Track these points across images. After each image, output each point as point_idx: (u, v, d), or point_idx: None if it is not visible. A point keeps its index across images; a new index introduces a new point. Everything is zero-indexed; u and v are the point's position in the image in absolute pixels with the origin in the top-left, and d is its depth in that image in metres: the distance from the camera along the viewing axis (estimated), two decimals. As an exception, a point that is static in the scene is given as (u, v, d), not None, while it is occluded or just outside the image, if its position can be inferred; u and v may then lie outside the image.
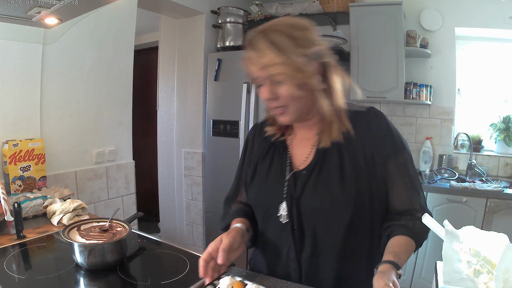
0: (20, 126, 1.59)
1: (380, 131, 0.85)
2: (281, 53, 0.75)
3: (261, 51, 0.76)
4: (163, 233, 3.15)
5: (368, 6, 2.51)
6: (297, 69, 0.76)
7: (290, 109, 0.81)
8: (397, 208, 0.84)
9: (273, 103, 0.81)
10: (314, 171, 0.83)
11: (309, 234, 0.84)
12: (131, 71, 2.09)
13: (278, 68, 0.75)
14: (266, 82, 0.79)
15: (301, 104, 0.81)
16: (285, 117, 0.83)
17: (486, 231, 0.60)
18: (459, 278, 0.57)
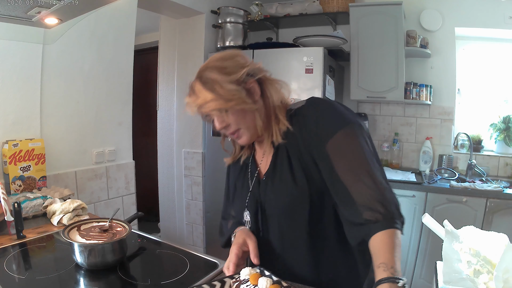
0: (20, 126, 1.59)
1: (315, 117, 0.83)
2: (210, 91, 0.82)
3: (195, 95, 0.84)
4: (163, 233, 3.15)
5: (368, 6, 2.51)
6: (227, 100, 0.81)
7: (242, 131, 0.87)
8: (348, 198, 0.75)
9: (227, 131, 0.88)
10: (270, 176, 0.90)
11: (275, 235, 0.89)
12: (131, 71, 2.09)
13: (211, 105, 0.82)
14: (213, 116, 0.86)
15: (252, 124, 0.87)
16: (242, 138, 0.89)
17: (486, 231, 0.60)
18: (459, 278, 0.57)
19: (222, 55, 0.88)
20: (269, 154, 0.92)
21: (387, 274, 0.64)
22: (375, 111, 2.85)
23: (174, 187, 3.04)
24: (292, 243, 0.88)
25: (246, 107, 0.84)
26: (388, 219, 0.72)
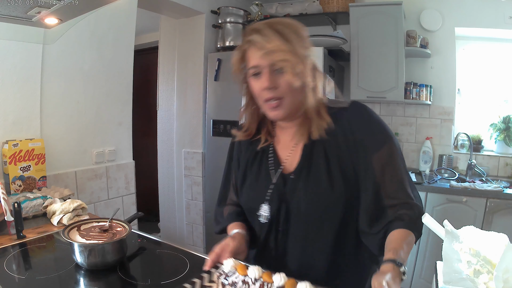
0: (20, 126, 1.59)
1: (362, 124, 0.84)
2: (287, 42, 0.76)
3: (267, 37, 0.77)
4: (163, 233, 3.15)
5: (368, 6, 2.51)
6: (299, 60, 0.77)
7: (285, 101, 0.81)
8: (387, 203, 0.81)
9: (269, 94, 0.80)
10: (302, 174, 0.84)
11: (298, 237, 0.85)
12: (131, 71, 2.09)
13: (284, 55, 0.76)
14: (265, 71, 0.79)
15: (295, 99, 0.82)
16: (279, 111, 0.82)
17: (486, 231, 0.60)
18: (459, 278, 0.57)
19: (296, 22, 0.82)
20: (299, 148, 0.87)
21: (393, 257, 0.67)
22: (375, 111, 2.82)
23: (174, 187, 3.04)
24: (315, 246, 0.85)
25: (307, 80, 0.80)
26: (413, 222, 0.78)
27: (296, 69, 0.77)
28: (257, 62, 0.80)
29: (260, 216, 0.88)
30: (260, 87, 0.81)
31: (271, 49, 0.76)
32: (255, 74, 0.82)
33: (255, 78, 0.82)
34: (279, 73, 0.79)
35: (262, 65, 0.79)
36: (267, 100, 0.82)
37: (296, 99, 0.82)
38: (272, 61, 0.77)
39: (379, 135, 0.83)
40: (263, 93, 0.81)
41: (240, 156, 0.98)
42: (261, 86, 0.81)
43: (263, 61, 0.79)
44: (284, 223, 0.86)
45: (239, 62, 0.86)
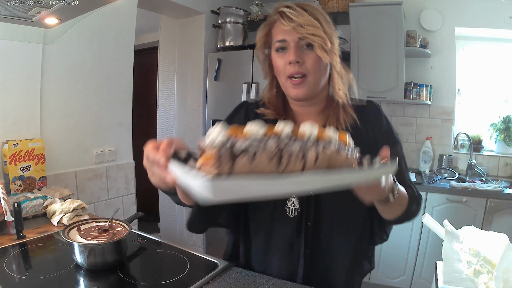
0: (20, 126, 1.59)
1: (381, 124, 0.87)
2: (316, 19, 0.77)
3: (298, 12, 0.76)
4: (163, 233, 3.15)
5: (368, 6, 2.51)
6: (328, 37, 0.77)
7: (309, 80, 0.79)
8: None
9: (294, 68, 0.78)
10: None
11: (325, 232, 0.83)
12: (131, 71, 2.09)
13: (314, 30, 0.75)
14: (292, 45, 0.78)
15: (319, 78, 0.80)
16: (301, 88, 0.79)
17: (486, 231, 0.60)
18: (459, 278, 0.57)
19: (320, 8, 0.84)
20: None
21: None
22: (375, 111, 2.85)
23: (174, 187, 3.04)
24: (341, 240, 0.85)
25: (334, 61, 0.80)
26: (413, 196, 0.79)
27: (325, 45, 0.76)
28: (285, 36, 0.78)
29: (288, 210, 0.83)
30: (285, 61, 0.79)
31: (301, 22, 0.75)
32: (280, 48, 0.80)
33: (280, 53, 0.80)
34: (306, 49, 0.78)
35: (290, 38, 0.78)
36: (291, 76, 0.79)
37: (320, 79, 0.81)
38: (302, 35, 0.76)
39: (393, 136, 0.87)
40: (287, 68, 0.79)
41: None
42: (286, 60, 0.78)
43: (291, 35, 0.77)
44: (316, 216, 0.83)
45: (264, 38, 0.85)
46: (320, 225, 0.83)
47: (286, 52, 0.79)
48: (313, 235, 0.83)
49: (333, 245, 0.84)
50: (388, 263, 2.33)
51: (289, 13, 0.76)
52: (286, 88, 0.83)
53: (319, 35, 0.76)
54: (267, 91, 0.91)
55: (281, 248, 0.86)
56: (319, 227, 0.83)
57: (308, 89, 0.80)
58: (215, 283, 0.83)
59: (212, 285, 0.82)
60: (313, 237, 0.83)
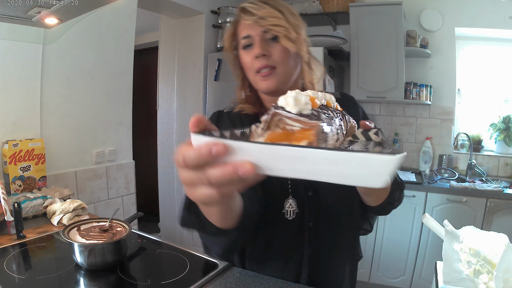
0: (20, 126, 1.59)
1: (358, 114, 0.87)
2: (279, 11, 0.76)
3: (259, 5, 0.76)
4: (163, 233, 3.15)
5: (368, 6, 2.51)
6: (293, 27, 0.76)
7: (278, 71, 0.78)
8: None
9: (262, 62, 0.77)
10: None
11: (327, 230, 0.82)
12: (131, 71, 2.09)
13: (276, 20, 0.75)
14: (256, 39, 0.77)
15: (289, 70, 0.80)
16: (271, 80, 0.78)
17: (486, 231, 0.60)
18: (459, 278, 0.57)
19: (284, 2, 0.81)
20: None
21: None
22: (375, 111, 2.85)
23: (174, 187, 3.04)
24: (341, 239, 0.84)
25: (302, 51, 0.78)
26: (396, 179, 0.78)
27: (289, 35, 0.75)
28: (249, 31, 0.78)
29: (286, 213, 0.79)
30: (252, 56, 0.78)
31: (263, 15, 0.75)
32: (247, 45, 0.79)
33: (247, 50, 0.80)
34: (272, 42, 0.77)
35: (254, 33, 0.77)
36: (259, 70, 0.78)
37: (290, 70, 0.80)
38: (265, 27, 0.75)
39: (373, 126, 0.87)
40: (254, 63, 0.78)
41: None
42: (252, 55, 0.78)
43: (254, 29, 0.77)
44: (315, 217, 0.80)
45: (231, 38, 0.84)
46: (322, 223, 0.81)
47: (252, 47, 0.78)
48: (316, 235, 0.81)
49: (335, 241, 0.83)
50: (388, 263, 2.33)
51: (250, 7, 0.76)
52: (256, 83, 0.82)
53: (281, 25, 0.75)
54: (239, 91, 0.91)
55: (283, 253, 0.84)
56: (321, 226, 0.81)
57: (278, 80, 0.79)
58: (215, 283, 0.83)
59: (212, 285, 0.82)
60: (315, 237, 0.81)
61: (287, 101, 0.40)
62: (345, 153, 0.33)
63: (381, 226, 2.30)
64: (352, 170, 0.33)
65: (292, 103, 0.40)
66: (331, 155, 0.33)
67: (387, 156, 0.31)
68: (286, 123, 0.40)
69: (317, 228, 0.81)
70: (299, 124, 0.39)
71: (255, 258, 0.88)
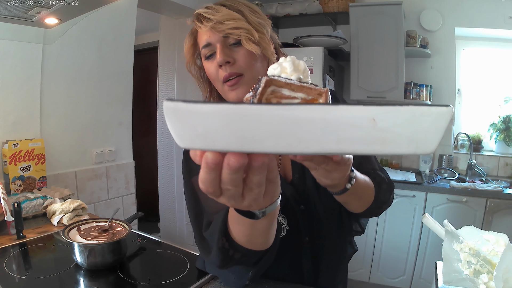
0: (20, 126, 1.59)
1: None
2: (237, 11, 0.70)
3: (215, 9, 0.69)
4: (163, 233, 3.15)
5: (368, 6, 2.51)
6: (254, 27, 0.70)
7: (245, 79, 0.70)
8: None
9: (226, 70, 0.70)
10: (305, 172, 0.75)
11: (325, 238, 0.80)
12: (131, 71, 2.09)
13: (235, 22, 0.68)
14: (218, 46, 0.70)
15: (257, 74, 0.72)
16: (240, 88, 0.70)
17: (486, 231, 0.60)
18: (459, 278, 0.57)
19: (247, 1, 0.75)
20: None
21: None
22: (375, 111, 2.85)
23: (174, 187, 3.04)
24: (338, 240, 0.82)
25: (268, 52, 0.71)
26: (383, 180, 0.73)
27: (252, 37, 0.68)
28: (208, 39, 0.70)
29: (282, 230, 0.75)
30: (216, 66, 0.71)
31: (220, 19, 0.68)
32: (209, 55, 0.72)
33: (210, 60, 0.73)
34: (235, 47, 0.70)
35: (214, 40, 0.70)
36: (226, 80, 0.70)
37: (258, 74, 0.71)
38: (223, 32, 0.68)
39: None
40: (220, 73, 0.71)
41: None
42: (216, 64, 0.70)
43: (213, 36, 0.69)
44: (310, 230, 0.77)
45: (191, 49, 0.78)
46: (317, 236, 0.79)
47: (215, 56, 0.71)
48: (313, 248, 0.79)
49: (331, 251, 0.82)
50: (388, 263, 2.33)
51: (205, 13, 0.69)
52: (225, 94, 0.74)
53: (241, 27, 0.68)
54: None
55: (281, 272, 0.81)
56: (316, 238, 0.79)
57: (248, 87, 0.70)
58: (215, 283, 0.83)
59: (212, 285, 0.82)
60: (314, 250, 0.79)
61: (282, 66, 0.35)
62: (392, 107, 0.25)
63: (381, 226, 2.30)
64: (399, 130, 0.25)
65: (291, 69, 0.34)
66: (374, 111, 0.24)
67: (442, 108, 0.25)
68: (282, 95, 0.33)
69: (314, 241, 0.78)
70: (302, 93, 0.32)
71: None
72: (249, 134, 0.26)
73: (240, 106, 0.26)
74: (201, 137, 0.27)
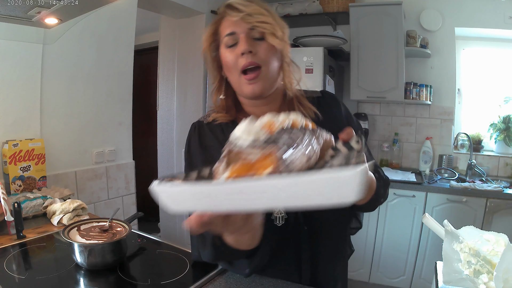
0: (20, 126, 1.59)
1: (340, 111, 0.85)
2: (264, 9, 0.75)
3: (246, 3, 0.75)
4: (163, 233, 3.15)
5: (368, 6, 2.51)
6: (279, 26, 0.76)
7: (264, 72, 0.75)
8: None
9: (247, 59, 0.74)
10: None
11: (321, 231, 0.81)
12: (131, 71, 2.09)
13: (264, 18, 0.74)
14: (242, 36, 0.74)
15: (274, 70, 0.77)
16: (257, 83, 0.75)
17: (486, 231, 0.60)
18: (459, 278, 0.57)
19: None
20: None
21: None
22: (375, 111, 2.85)
23: (174, 187, 3.04)
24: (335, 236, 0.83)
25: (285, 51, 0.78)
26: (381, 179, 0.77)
27: (276, 33, 0.74)
28: (234, 28, 0.75)
29: (275, 219, 0.77)
30: (237, 54, 0.75)
31: (250, 12, 0.73)
32: (231, 45, 0.76)
33: (231, 49, 0.76)
34: (257, 40, 0.75)
35: (240, 30, 0.75)
36: (244, 71, 0.75)
37: (275, 71, 0.78)
38: (251, 24, 0.73)
39: (353, 122, 0.87)
40: (240, 60, 0.75)
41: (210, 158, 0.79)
42: (238, 52, 0.74)
43: (241, 26, 0.74)
44: (309, 220, 0.79)
45: (212, 37, 0.81)
46: (317, 226, 0.80)
47: (237, 46, 0.75)
48: (313, 238, 0.80)
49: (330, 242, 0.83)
50: (388, 263, 2.33)
51: (237, 4, 0.74)
52: (240, 86, 0.78)
53: (269, 22, 0.74)
54: (214, 94, 0.86)
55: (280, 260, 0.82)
56: (316, 229, 0.80)
57: (265, 83, 0.76)
58: (215, 283, 0.83)
59: (212, 285, 0.82)
60: (313, 239, 0.80)
61: (241, 131, 0.42)
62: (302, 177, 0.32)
63: (381, 226, 2.30)
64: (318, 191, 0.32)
65: (245, 134, 0.41)
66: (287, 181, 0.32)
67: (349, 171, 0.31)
68: (244, 155, 0.40)
69: (313, 231, 0.80)
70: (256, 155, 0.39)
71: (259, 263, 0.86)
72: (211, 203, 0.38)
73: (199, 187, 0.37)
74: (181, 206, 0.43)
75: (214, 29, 0.80)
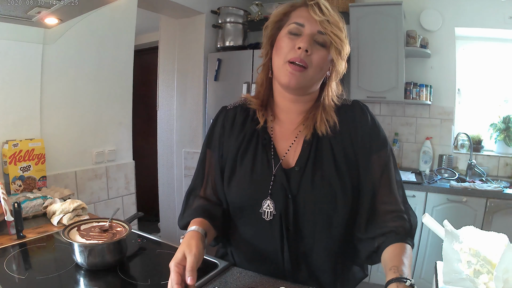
0: (20, 126, 1.59)
1: (366, 125, 0.85)
2: (342, 26, 0.79)
3: (331, 10, 0.78)
4: (163, 233, 3.15)
5: (368, 6, 2.51)
6: (345, 43, 0.79)
7: (307, 73, 0.78)
8: (380, 207, 0.81)
9: (301, 55, 0.76)
10: (307, 167, 0.80)
11: (307, 234, 0.81)
12: (131, 71, 2.09)
13: (337, 31, 0.77)
14: (306, 34, 0.77)
15: (317, 77, 0.81)
16: (296, 77, 0.77)
17: (486, 231, 0.60)
18: (459, 278, 0.57)
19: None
20: (300, 141, 0.84)
21: (396, 275, 0.65)
22: (375, 111, 2.85)
23: (174, 187, 3.04)
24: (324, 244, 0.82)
25: (339, 69, 0.82)
26: (407, 233, 0.77)
27: (338, 48, 0.78)
28: (306, 22, 0.78)
29: (263, 213, 0.81)
30: (294, 45, 0.77)
31: (330, 20, 0.76)
32: (294, 33, 0.79)
33: (292, 36, 0.79)
34: (318, 44, 0.78)
35: (310, 27, 0.77)
36: (292, 61, 0.77)
37: (318, 78, 0.81)
38: (325, 30, 0.77)
39: (381, 138, 0.85)
40: (292, 52, 0.77)
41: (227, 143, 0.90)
42: (295, 44, 0.77)
43: (313, 24, 0.77)
44: (294, 220, 0.80)
45: (281, 15, 0.83)
46: (301, 228, 0.81)
47: (298, 38, 0.78)
48: (295, 240, 0.81)
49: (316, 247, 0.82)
50: (388, 263, 2.33)
51: (323, 6, 0.77)
52: (280, 71, 0.80)
53: (340, 39, 0.78)
54: (262, 70, 0.89)
55: (265, 253, 0.84)
56: (300, 231, 0.81)
57: (303, 81, 0.79)
58: (215, 283, 0.83)
59: (212, 285, 0.82)
60: (295, 240, 0.81)
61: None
62: None
63: (381, 226, 2.30)
64: None
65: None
66: None
67: None
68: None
69: (297, 233, 0.81)
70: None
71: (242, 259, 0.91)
72: None
73: None
74: None
75: (287, 11, 0.83)
